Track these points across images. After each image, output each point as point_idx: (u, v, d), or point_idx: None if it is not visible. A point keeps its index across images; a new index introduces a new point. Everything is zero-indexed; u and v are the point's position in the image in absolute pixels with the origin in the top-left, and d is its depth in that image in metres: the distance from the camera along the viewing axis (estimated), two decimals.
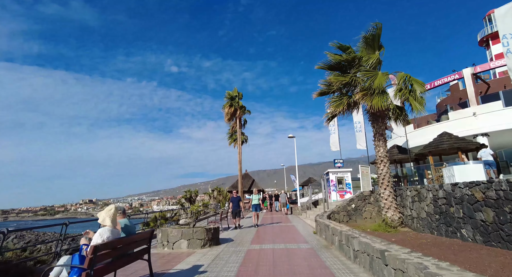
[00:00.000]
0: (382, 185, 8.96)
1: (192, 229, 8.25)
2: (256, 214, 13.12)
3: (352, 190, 19.37)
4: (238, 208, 12.38)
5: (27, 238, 50.81)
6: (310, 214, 17.38)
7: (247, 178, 36.56)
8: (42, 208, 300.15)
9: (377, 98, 8.13)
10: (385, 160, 9.05)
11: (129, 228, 4.56)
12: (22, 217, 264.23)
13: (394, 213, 8.64)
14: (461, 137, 16.62)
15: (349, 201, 11.82)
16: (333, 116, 9.99)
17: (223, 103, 30.56)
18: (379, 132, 9.21)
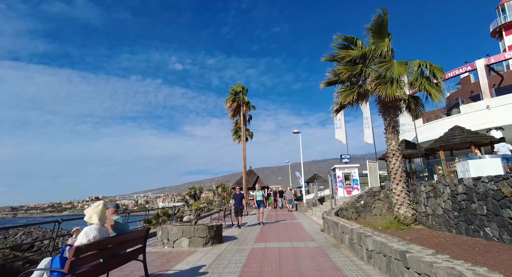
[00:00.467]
0: (394, 180, 8.45)
1: (194, 227, 7.85)
2: (260, 211, 12.55)
3: (360, 186, 18.88)
4: (240, 206, 11.71)
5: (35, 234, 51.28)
6: (316, 211, 16.93)
7: (252, 175, 36.17)
8: (49, 205, 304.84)
9: (393, 86, 7.59)
10: (397, 154, 8.53)
11: (122, 226, 4.15)
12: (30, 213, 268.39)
13: (407, 209, 8.14)
14: (474, 131, 15.95)
15: (357, 197, 11.33)
16: (342, 107, 9.47)
17: (227, 99, 30.06)
18: (391, 124, 8.68)
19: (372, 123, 22.24)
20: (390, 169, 8.64)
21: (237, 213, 11.81)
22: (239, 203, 11.71)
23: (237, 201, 11.70)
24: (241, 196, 11.88)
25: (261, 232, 10.41)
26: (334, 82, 9.06)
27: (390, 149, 8.67)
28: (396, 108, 8.70)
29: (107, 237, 3.71)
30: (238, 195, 11.93)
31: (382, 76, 7.90)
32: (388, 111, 8.74)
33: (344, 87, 8.64)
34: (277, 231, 10.67)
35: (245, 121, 31.44)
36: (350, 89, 8.41)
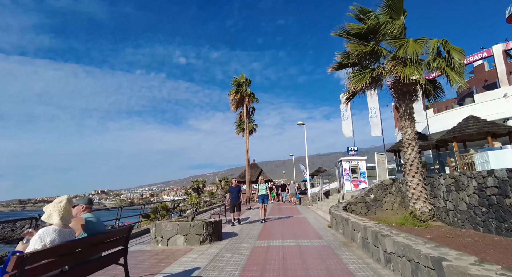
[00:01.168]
0: (410, 172, 7.67)
1: (190, 223, 7.19)
2: (263, 207, 11.11)
3: (367, 180, 18.12)
4: (237, 200, 10.49)
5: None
6: (322, 205, 16.23)
7: (255, 168, 35.57)
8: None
9: (411, 67, 6.75)
10: (413, 143, 7.73)
11: (95, 225, 3.47)
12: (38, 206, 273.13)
13: (424, 204, 7.38)
14: (491, 121, 15.04)
15: (367, 191, 10.58)
16: (353, 94, 8.64)
17: (230, 90, 29.27)
18: (406, 111, 7.85)
19: (380, 115, 21.37)
20: (405, 160, 7.85)
21: (234, 208, 10.47)
22: (235, 198, 10.40)
23: (233, 195, 10.39)
24: (238, 189, 10.61)
25: (264, 228, 9.75)
26: (343, 65, 8.21)
27: (405, 138, 7.86)
28: (412, 93, 7.86)
29: (72, 239, 3.03)
30: (235, 188, 10.61)
31: (398, 57, 7.05)
32: (403, 97, 7.91)
33: (355, 72, 7.79)
34: (281, 226, 10.00)
35: (248, 113, 30.68)
36: (361, 73, 7.58)
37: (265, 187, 11.24)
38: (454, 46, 7.29)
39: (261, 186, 11.29)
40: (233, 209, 10.43)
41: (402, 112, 7.96)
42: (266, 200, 11.21)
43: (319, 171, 39.02)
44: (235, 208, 10.45)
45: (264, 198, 11.14)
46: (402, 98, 7.94)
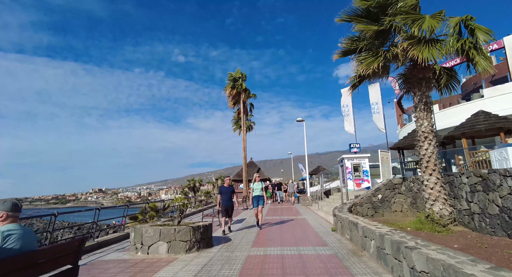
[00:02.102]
0: (427, 169, 6.72)
1: (174, 228, 6.20)
2: (259, 210, 9.19)
3: (370, 178, 17.20)
4: (230, 204, 8.58)
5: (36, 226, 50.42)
6: (323, 205, 15.30)
7: (253, 166, 34.59)
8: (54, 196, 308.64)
9: (432, 49, 5.78)
10: (431, 137, 6.78)
11: (20, 240, 2.48)
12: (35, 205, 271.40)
13: (444, 206, 6.43)
14: (503, 117, 14.16)
15: (374, 191, 9.64)
16: (360, 80, 7.64)
17: (226, 86, 28.23)
18: (422, 100, 6.88)
19: (383, 110, 20.43)
20: (421, 155, 6.89)
21: (226, 213, 8.53)
22: (228, 200, 8.54)
23: (225, 197, 8.56)
24: (231, 190, 8.75)
25: (260, 232, 8.78)
26: (351, 51, 7.21)
27: (421, 130, 6.90)
28: (429, 80, 6.90)
29: None
30: (227, 189, 8.70)
31: (414, 36, 6.07)
32: (418, 84, 6.94)
33: (366, 54, 6.81)
34: (280, 230, 9.04)
35: (246, 110, 29.68)
36: (374, 55, 6.60)
37: (261, 186, 9.30)
38: (479, 25, 6.33)
39: (256, 184, 9.38)
40: (225, 213, 8.55)
41: (417, 101, 6.99)
42: (262, 202, 9.20)
43: (318, 169, 38.10)
44: (226, 212, 8.55)
45: (260, 199, 9.22)
46: (418, 86, 6.97)
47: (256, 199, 9.27)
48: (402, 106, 27.13)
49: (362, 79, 7.56)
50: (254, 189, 9.32)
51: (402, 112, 26.50)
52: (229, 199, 8.62)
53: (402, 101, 27.39)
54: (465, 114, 16.98)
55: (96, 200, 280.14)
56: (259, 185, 9.37)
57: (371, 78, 7.72)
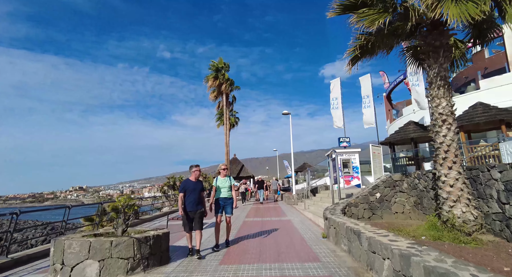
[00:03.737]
0: (445, 161, 5.29)
1: (111, 241, 4.47)
2: (226, 220, 6.27)
3: (360, 175, 15.92)
4: (198, 208, 5.58)
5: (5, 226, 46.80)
6: (309, 204, 13.87)
7: (236, 163, 32.91)
8: (30, 195, 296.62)
9: (465, 3, 4.29)
10: (450, 120, 5.35)
11: None
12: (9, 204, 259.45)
13: (468, 209, 5.02)
14: (504, 109, 13.15)
15: (372, 189, 8.20)
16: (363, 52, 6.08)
17: (207, 76, 26.34)
18: (440, 74, 5.43)
19: (374, 102, 19.25)
20: (438, 144, 5.46)
21: (189, 225, 5.57)
22: (194, 203, 5.52)
23: (191, 198, 5.52)
24: (200, 187, 5.75)
25: (235, 239, 7.16)
26: (350, 6, 5.65)
27: (437, 112, 5.45)
28: (448, 49, 5.47)
29: None
30: (195, 185, 5.66)
31: None
32: (435, 54, 5.49)
33: (369, 9, 5.27)
34: (259, 237, 7.44)
35: (228, 102, 27.90)
36: (380, 11, 5.07)
37: (229, 183, 6.11)
38: None
39: (221, 181, 6.11)
40: (190, 225, 5.54)
41: (433, 76, 5.54)
42: (230, 208, 6.11)
43: (304, 166, 36.86)
44: (196, 222, 5.56)
45: (226, 204, 6.07)
46: (434, 56, 5.51)
47: (222, 202, 6.04)
48: (392, 101, 26.17)
49: (365, 50, 6.02)
50: (220, 187, 6.05)
51: (391, 107, 25.53)
52: (198, 200, 5.56)
53: (391, 96, 26.44)
54: (460, 108, 15.96)
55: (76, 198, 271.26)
56: (225, 181, 6.09)
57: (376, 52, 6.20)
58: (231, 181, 6.21)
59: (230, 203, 6.14)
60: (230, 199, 6.14)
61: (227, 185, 6.11)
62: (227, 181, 6.14)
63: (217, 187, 6.07)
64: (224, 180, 6.13)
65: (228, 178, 6.20)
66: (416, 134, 16.60)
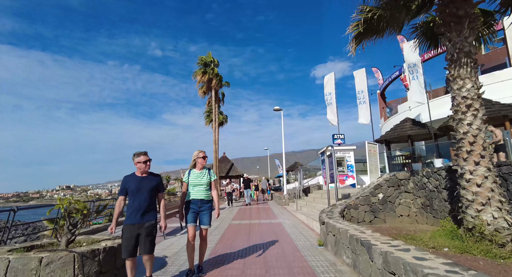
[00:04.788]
0: (471, 155, 4.33)
1: (40, 258, 3.32)
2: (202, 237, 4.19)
3: (355, 174, 15.03)
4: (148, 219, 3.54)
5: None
6: (302, 205, 12.89)
7: (225, 162, 31.76)
8: (15, 194, 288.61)
9: None
10: (477, 105, 4.40)
11: None
12: None
13: (500, 214, 4.08)
14: (508, 104, 12.46)
15: (373, 189, 7.23)
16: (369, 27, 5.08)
17: (195, 71, 25.12)
18: (463, 50, 4.48)
19: (369, 99, 18.44)
20: (461, 134, 4.50)
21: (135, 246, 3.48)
22: (139, 211, 3.50)
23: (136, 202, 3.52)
24: (149, 186, 3.62)
25: (217, 248, 6.07)
26: None
27: (461, 96, 4.49)
28: (474, 20, 4.52)
29: None
30: (139, 183, 3.59)
31: None
32: (457, 26, 4.53)
33: None
34: (245, 244, 6.38)
35: (218, 99, 26.75)
36: None
37: (206, 179, 4.20)
38: None
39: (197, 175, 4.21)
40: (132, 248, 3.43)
41: (455, 52, 4.57)
42: (207, 216, 4.15)
43: (295, 165, 35.99)
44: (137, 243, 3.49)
45: (203, 209, 4.15)
46: (456, 28, 4.55)
47: (194, 208, 4.11)
48: (385, 99, 25.48)
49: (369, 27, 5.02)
50: (190, 185, 4.16)
51: (385, 105, 24.84)
52: (146, 206, 3.54)
53: (385, 93, 25.76)
54: None
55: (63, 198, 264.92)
56: (202, 176, 4.18)
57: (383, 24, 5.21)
58: (211, 176, 4.25)
59: (207, 208, 4.15)
60: (209, 202, 4.20)
61: (205, 182, 4.13)
62: (205, 176, 4.17)
63: (189, 184, 4.12)
64: (200, 173, 4.17)
65: (207, 172, 4.25)
66: (413, 132, 15.83)
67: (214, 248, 6.06)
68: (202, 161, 4.26)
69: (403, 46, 17.28)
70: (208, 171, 4.32)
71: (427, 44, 6.06)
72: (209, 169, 4.37)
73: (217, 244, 6.46)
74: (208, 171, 4.32)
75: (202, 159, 4.27)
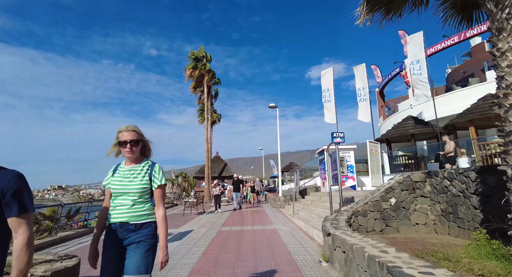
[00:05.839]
0: None
1: None
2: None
3: (355, 175, 14.06)
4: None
5: None
6: (299, 209, 11.85)
7: (218, 162, 30.65)
8: None
9: None
10: None
11: None
12: None
13: None
14: None
15: (384, 192, 6.20)
16: None
17: (186, 66, 23.95)
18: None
19: (370, 96, 17.51)
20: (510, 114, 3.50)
21: None
22: None
23: None
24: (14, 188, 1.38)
25: (199, 267, 4.99)
26: None
27: (508, 59, 3.48)
28: None
29: None
30: None
31: None
32: None
33: None
34: (236, 257, 5.31)
35: (211, 96, 25.62)
36: None
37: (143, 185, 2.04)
38: None
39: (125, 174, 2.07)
40: None
41: (505, 18, 3.56)
42: (137, 259, 1.93)
43: (291, 166, 35.01)
44: None
45: (132, 241, 1.98)
46: None
47: (111, 239, 2.03)
48: (384, 97, 24.66)
49: None
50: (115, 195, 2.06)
51: (384, 104, 24.00)
52: None
53: (384, 92, 24.92)
54: (463, 103, 14.42)
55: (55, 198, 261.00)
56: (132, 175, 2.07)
57: None
58: (154, 178, 2.10)
59: (140, 240, 1.99)
60: (142, 228, 2.02)
61: (136, 188, 2.03)
62: (140, 176, 2.07)
63: (112, 192, 2.09)
64: (132, 170, 2.09)
65: (146, 168, 2.11)
66: (416, 130, 14.93)
67: (196, 264, 4.97)
68: (128, 150, 2.05)
69: (406, 40, 16.39)
70: (150, 167, 2.12)
71: (458, 18, 5.07)
72: (153, 163, 2.17)
73: (200, 258, 5.38)
74: (149, 166, 2.13)
75: (129, 147, 2.04)
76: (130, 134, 2.09)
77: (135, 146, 2.09)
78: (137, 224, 2.01)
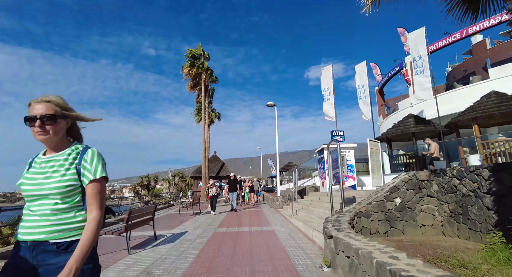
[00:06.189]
0: None
1: None
2: None
3: (355, 175, 13.72)
4: None
5: None
6: (298, 209, 11.51)
7: (216, 161, 30.24)
8: (1, 194, 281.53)
9: None
10: None
11: None
12: None
13: None
14: None
15: (389, 192, 5.85)
16: None
17: (183, 64, 23.55)
18: None
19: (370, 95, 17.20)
20: None
21: None
22: None
23: None
24: None
25: (190, 272, 4.61)
26: None
27: None
28: None
29: None
30: None
31: None
32: None
33: None
34: (231, 261, 4.94)
35: (208, 94, 25.23)
36: None
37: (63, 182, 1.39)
38: None
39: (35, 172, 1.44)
40: None
41: None
42: None
43: (289, 165, 34.65)
44: None
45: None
46: None
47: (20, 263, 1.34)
48: (384, 95, 24.34)
49: None
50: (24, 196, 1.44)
51: (383, 102, 23.69)
52: None
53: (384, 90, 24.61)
54: (465, 100, 14.12)
55: None
56: (51, 167, 1.43)
57: None
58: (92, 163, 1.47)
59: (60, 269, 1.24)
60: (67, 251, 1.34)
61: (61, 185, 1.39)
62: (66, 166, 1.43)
63: (23, 195, 1.43)
64: (51, 161, 1.46)
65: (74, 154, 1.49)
66: (418, 129, 14.60)
67: (187, 270, 4.60)
68: (40, 130, 1.42)
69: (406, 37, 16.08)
70: (80, 155, 1.50)
71: (464, 8, 4.73)
72: (86, 147, 1.55)
73: (192, 263, 5.01)
74: (78, 153, 1.50)
75: (39, 125, 1.41)
76: (43, 107, 1.41)
77: (50, 123, 1.41)
78: (60, 243, 1.34)
